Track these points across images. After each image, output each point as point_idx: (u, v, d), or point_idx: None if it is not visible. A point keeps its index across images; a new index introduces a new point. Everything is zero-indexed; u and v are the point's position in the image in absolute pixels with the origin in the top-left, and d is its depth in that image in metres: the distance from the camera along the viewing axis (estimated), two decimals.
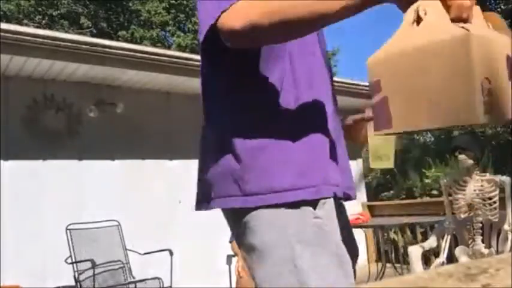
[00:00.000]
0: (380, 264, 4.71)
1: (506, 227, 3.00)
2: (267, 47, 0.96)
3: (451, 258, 3.38)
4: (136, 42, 12.76)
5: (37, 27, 11.17)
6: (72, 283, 3.56)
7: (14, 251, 3.72)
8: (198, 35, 0.96)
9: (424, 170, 6.72)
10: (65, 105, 4.18)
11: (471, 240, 3.09)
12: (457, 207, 3.13)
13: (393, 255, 5.03)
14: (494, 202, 3.00)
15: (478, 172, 3.11)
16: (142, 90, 4.64)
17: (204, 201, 1.04)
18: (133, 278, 3.84)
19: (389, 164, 1.38)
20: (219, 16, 0.86)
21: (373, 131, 0.92)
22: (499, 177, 3.03)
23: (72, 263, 3.56)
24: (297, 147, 0.94)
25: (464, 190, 3.10)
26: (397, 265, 4.83)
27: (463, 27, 0.77)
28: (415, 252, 3.25)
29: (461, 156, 3.09)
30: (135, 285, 3.51)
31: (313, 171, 0.94)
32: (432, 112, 0.79)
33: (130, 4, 15.05)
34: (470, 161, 3.07)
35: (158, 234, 4.38)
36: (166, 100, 4.82)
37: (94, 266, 3.34)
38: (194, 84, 4.59)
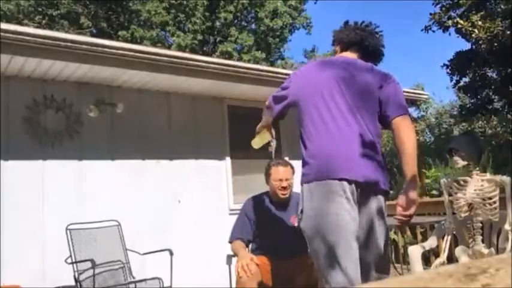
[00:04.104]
0: None
1: (506, 226, 2.99)
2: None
3: (451, 258, 3.38)
4: (136, 42, 12.76)
5: (37, 27, 11.16)
6: (72, 283, 3.55)
7: (14, 251, 3.72)
8: (400, 106, 2.10)
9: (424, 170, 6.72)
10: (65, 105, 4.18)
11: (471, 240, 3.09)
12: (457, 206, 3.12)
13: (393, 255, 5.02)
14: (495, 202, 3.00)
15: (478, 172, 3.11)
16: (142, 90, 4.63)
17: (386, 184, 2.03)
18: (133, 278, 3.83)
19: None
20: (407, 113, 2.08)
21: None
22: (499, 177, 3.03)
23: (72, 263, 3.55)
24: None
25: (464, 190, 3.10)
26: (397, 265, 4.83)
27: None
28: (415, 252, 3.24)
29: (455, 158, 3.10)
30: (135, 285, 3.51)
31: None
32: None
33: (131, 4, 15.05)
34: (464, 162, 3.07)
35: (158, 234, 4.38)
36: (166, 100, 4.82)
37: (94, 266, 3.33)
38: (194, 84, 4.60)
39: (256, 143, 2.70)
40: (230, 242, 3.05)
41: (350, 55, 2.25)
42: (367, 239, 2.00)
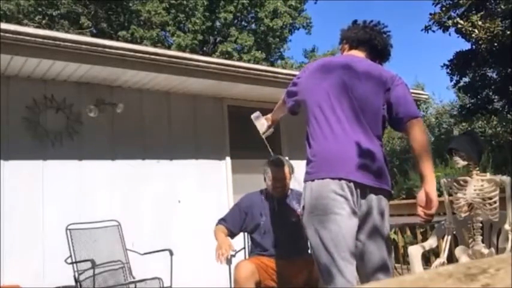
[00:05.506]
0: None
1: (506, 226, 2.99)
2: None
3: (451, 258, 3.38)
4: (136, 42, 12.76)
5: (37, 27, 11.16)
6: (72, 283, 3.55)
7: (14, 251, 3.72)
8: (412, 107, 2.08)
9: None
10: (65, 105, 4.18)
11: (471, 240, 3.09)
12: (457, 206, 3.13)
13: (393, 255, 5.01)
14: (495, 202, 3.00)
15: (478, 172, 3.11)
16: (142, 90, 4.63)
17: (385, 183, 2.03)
18: (134, 278, 3.84)
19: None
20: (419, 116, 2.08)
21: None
22: (499, 177, 3.03)
23: (72, 263, 3.55)
24: None
25: (464, 190, 3.10)
26: (397, 265, 4.83)
27: None
28: (415, 252, 3.25)
29: (455, 158, 3.10)
30: (135, 285, 3.51)
31: None
32: None
33: (131, 4, 15.05)
34: (463, 162, 3.07)
35: (158, 234, 4.37)
36: (166, 100, 4.82)
37: (94, 266, 3.33)
38: (194, 84, 4.60)
39: (256, 119, 2.78)
40: (216, 225, 3.09)
41: (358, 54, 2.26)
42: (369, 240, 2.00)
